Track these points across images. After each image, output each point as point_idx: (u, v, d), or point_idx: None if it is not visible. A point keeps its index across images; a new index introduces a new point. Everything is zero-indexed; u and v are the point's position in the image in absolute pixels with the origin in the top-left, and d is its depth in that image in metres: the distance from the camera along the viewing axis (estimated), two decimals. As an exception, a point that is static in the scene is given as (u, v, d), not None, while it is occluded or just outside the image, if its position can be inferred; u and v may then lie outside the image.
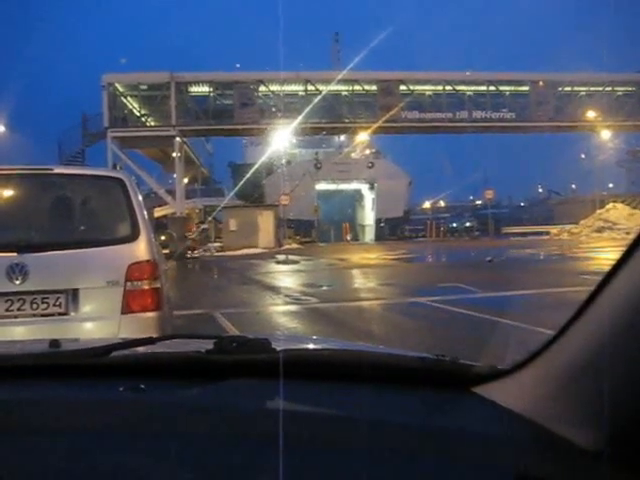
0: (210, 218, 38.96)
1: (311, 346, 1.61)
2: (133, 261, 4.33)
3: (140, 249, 4.39)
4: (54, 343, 1.34)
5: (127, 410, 1.01)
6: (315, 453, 0.87)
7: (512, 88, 36.21)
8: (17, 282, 4.09)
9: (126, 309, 4.22)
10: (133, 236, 4.41)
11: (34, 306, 4.13)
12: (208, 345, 1.20)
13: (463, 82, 35.81)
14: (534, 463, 0.83)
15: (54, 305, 4.15)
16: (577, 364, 0.86)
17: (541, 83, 35.85)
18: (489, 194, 39.46)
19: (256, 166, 36.87)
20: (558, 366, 0.89)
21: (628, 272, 0.79)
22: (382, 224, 45.55)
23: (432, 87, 35.71)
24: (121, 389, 1.08)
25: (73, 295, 4.18)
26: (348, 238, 42.34)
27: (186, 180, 38.41)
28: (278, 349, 1.20)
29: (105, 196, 4.61)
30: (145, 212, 4.71)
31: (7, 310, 4.07)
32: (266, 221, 35.87)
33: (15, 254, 4.11)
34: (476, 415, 0.98)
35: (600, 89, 36.30)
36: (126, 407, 1.02)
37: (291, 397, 1.03)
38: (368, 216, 47.48)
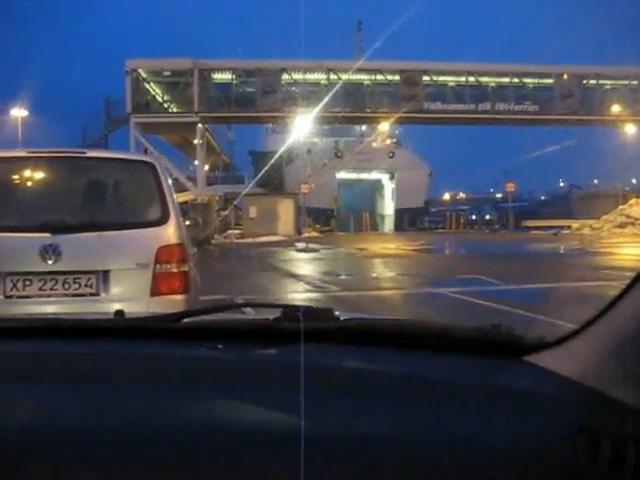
0: (232, 206, 39.04)
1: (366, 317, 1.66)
2: (163, 244, 4.37)
3: (169, 232, 4.44)
4: (119, 312, 1.37)
5: (209, 364, 1.07)
6: (390, 407, 0.95)
7: (536, 80, 35.82)
8: (50, 262, 4.16)
9: (155, 291, 4.27)
10: (163, 219, 4.46)
11: (66, 286, 4.19)
12: (275, 314, 1.24)
13: (487, 74, 35.48)
14: (590, 419, 0.93)
15: (85, 285, 4.22)
16: (625, 333, 0.95)
17: (566, 76, 35.42)
18: (510, 187, 39.14)
19: (277, 154, 36.87)
20: (607, 335, 0.98)
21: None
22: (402, 215, 45.41)
23: (455, 78, 35.43)
24: (201, 349, 1.13)
25: (104, 276, 4.23)
26: (368, 228, 42.31)
27: (207, 167, 38.55)
28: (342, 318, 1.25)
29: (136, 180, 4.65)
30: (175, 197, 4.76)
31: (40, 289, 4.15)
32: (286, 209, 35.93)
33: (49, 235, 4.17)
34: (531, 380, 1.05)
35: (626, 82, 35.79)
36: (207, 362, 1.09)
37: (361, 361, 1.10)
38: (388, 206, 47.33)
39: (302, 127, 35.77)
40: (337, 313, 1.27)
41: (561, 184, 76.05)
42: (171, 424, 0.90)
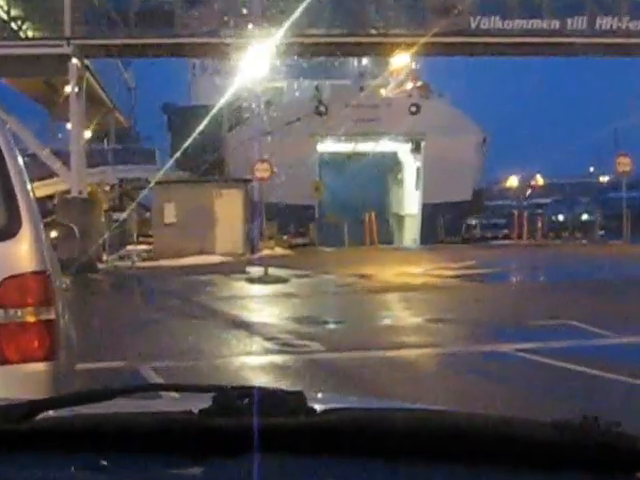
0: (134, 203, 38.94)
1: (358, 406, 1.68)
2: (8, 274, 4.36)
3: (20, 253, 4.43)
4: None
5: None
6: None
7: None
8: None
9: (-6, 357, 4.27)
10: (8, 230, 4.44)
11: None
12: (205, 402, 1.25)
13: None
14: None
15: None
16: None
17: None
18: (624, 164, 39.39)
19: (212, 111, 36.79)
20: None
21: None
22: (434, 215, 45.54)
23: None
24: (71, 468, 1.13)
25: None
26: (374, 239, 42.34)
27: (89, 134, 38.44)
28: (317, 408, 1.26)
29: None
30: (31, 188, 4.75)
31: None
32: (229, 208, 35.80)
33: None
34: None
35: None
36: None
37: None
38: (409, 200, 47.51)
39: (257, 62, 35.79)
40: (318, 396, 1.27)
41: None
42: None
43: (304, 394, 1.26)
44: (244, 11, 34.23)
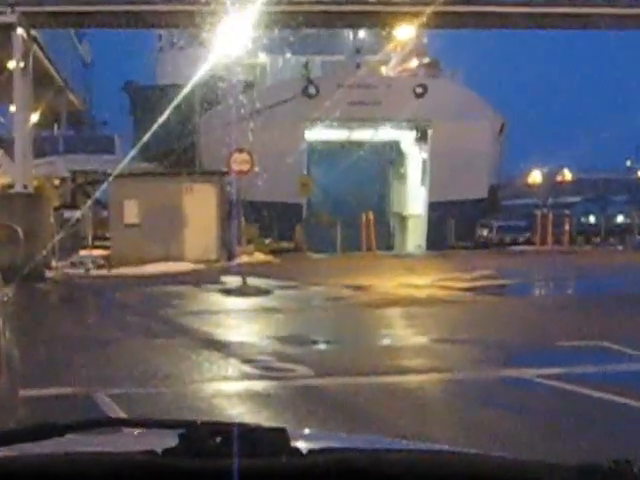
0: (89, 200, 38.89)
1: (349, 445, 1.68)
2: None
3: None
4: None
5: None
6: None
7: None
8: None
9: None
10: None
11: None
12: (171, 439, 1.25)
13: None
14: None
15: None
16: None
17: None
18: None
19: (183, 92, 36.62)
20: None
21: None
22: (442, 215, 45.44)
23: None
24: None
25: None
26: (372, 243, 42.30)
27: (36, 118, 38.36)
28: (302, 448, 1.25)
29: None
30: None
31: None
32: (201, 206, 35.72)
33: None
34: None
35: None
36: None
37: None
38: (413, 197, 47.51)
39: (235, 34, 35.74)
40: (304, 433, 1.27)
41: None
42: None
43: (287, 431, 1.25)
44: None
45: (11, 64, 34.16)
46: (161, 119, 34.78)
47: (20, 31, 33.54)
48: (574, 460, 1.30)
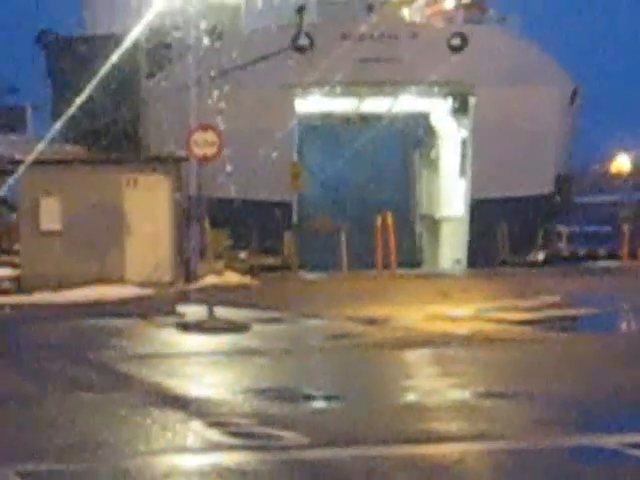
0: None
1: None
2: None
3: None
4: None
5: None
6: None
7: None
8: None
9: None
10: None
11: None
12: None
13: None
14: None
15: None
16: None
17: None
18: None
19: (121, 46, 36.59)
20: None
21: None
22: (490, 217, 45.34)
23: None
24: None
25: None
26: (392, 258, 42.17)
27: None
28: None
29: None
30: None
31: None
32: (148, 206, 35.84)
33: None
34: None
35: None
36: None
37: None
38: (449, 193, 47.86)
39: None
40: None
41: None
42: None
43: None
44: None
45: None
46: (91, 84, 34.81)
47: None
48: None
